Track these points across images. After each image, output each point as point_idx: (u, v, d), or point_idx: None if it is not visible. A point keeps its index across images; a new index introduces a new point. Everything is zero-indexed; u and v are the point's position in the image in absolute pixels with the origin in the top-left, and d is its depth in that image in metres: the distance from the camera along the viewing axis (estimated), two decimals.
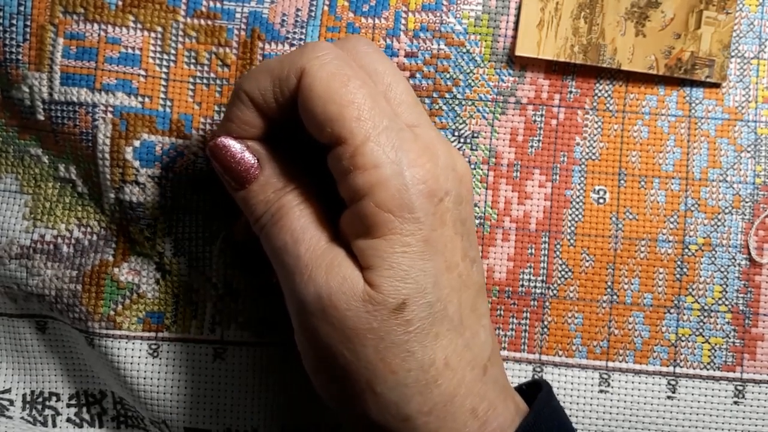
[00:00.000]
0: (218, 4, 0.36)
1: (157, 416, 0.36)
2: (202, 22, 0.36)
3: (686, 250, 0.36)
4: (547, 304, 0.36)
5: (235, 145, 0.29)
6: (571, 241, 0.36)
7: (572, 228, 0.36)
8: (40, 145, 0.36)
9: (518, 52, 0.36)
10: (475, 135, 0.37)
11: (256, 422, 0.35)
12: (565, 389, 0.36)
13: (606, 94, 0.37)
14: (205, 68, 0.36)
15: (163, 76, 0.36)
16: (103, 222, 0.35)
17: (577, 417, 0.36)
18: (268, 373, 0.35)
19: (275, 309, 0.36)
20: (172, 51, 0.36)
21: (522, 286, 0.36)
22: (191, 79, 0.36)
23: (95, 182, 0.35)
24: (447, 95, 0.36)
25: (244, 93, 0.29)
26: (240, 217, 0.34)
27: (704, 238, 0.36)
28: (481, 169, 0.37)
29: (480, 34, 0.37)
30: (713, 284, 0.36)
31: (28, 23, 0.35)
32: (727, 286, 0.36)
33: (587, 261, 0.36)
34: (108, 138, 0.34)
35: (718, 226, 0.36)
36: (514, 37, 0.36)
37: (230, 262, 0.35)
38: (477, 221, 0.37)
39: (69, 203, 0.35)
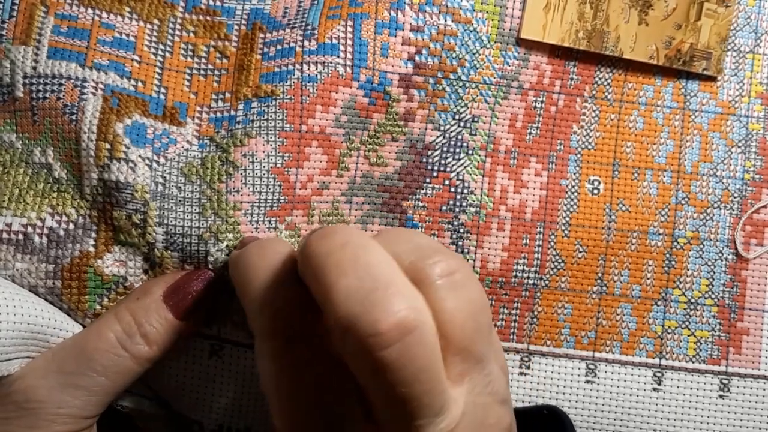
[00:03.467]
0: (218, 2, 0.34)
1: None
2: (201, 17, 0.34)
3: (675, 243, 0.36)
4: (539, 294, 0.36)
5: None
6: (566, 231, 0.36)
7: (567, 218, 0.36)
8: (15, 130, 0.32)
9: (523, 35, 0.35)
10: (476, 119, 0.35)
11: (250, 420, 0.33)
12: (551, 379, 0.36)
13: (605, 82, 0.36)
14: (203, 60, 0.34)
15: (158, 64, 0.33)
16: (82, 209, 0.31)
17: (563, 407, 0.35)
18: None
19: None
20: (169, 43, 0.33)
21: (515, 276, 0.35)
22: (188, 70, 0.33)
23: (75, 164, 0.31)
24: (451, 76, 0.34)
25: None
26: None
27: (693, 231, 0.36)
28: (479, 155, 0.35)
29: (487, 12, 0.35)
30: (700, 278, 0.36)
31: (17, 1, 0.32)
32: (713, 279, 0.36)
33: (580, 252, 0.36)
34: (98, 111, 0.31)
35: (706, 220, 0.36)
36: (521, 18, 0.35)
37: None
38: (473, 209, 0.35)
39: (42, 189, 0.31)
